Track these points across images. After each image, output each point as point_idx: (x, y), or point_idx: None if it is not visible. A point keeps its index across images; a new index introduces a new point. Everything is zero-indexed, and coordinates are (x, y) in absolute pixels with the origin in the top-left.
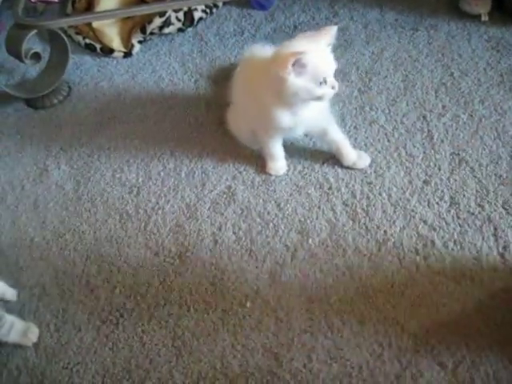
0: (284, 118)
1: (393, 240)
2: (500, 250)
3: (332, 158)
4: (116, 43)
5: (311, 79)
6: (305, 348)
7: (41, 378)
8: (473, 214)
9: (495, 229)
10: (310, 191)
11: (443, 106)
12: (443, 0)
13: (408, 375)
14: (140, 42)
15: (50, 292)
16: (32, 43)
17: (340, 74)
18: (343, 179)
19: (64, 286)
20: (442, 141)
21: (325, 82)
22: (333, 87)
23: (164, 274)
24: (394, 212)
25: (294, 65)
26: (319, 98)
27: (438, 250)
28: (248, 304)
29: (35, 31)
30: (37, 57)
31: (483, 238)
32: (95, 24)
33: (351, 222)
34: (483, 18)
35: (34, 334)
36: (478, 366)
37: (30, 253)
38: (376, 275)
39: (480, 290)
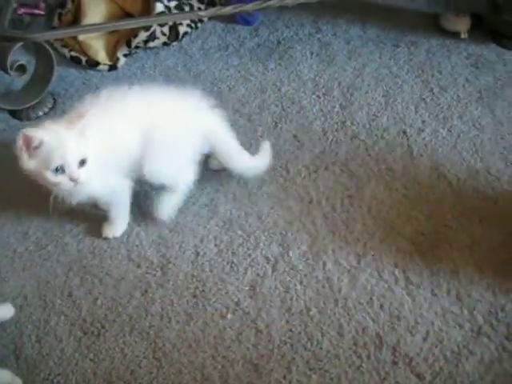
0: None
1: (372, 253)
2: (477, 262)
3: (314, 172)
4: (101, 56)
5: (42, 164)
6: (284, 359)
7: None
8: (450, 227)
9: (472, 242)
10: (290, 204)
11: (423, 121)
12: (424, 17)
13: None
14: (125, 55)
15: (31, 303)
16: (17, 55)
17: (322, 89)
18: (323, 192)
19: (46, 298)
20: (422, 155)
21: (62, 170)
22: (71, 179)
23: (146, 286)
24: (374, 225)
25: (26, 144)
26: (59, 187)
27: (416, 262)
28: (229, 316)
29: (21, 43)
30: (22, 69)
31: (459, 251)
32: (81, 37)
33: (331, 235)
34: (463, 36)
35: None
36: (455, 377)
37: (12, 264)
38: (355, 288)
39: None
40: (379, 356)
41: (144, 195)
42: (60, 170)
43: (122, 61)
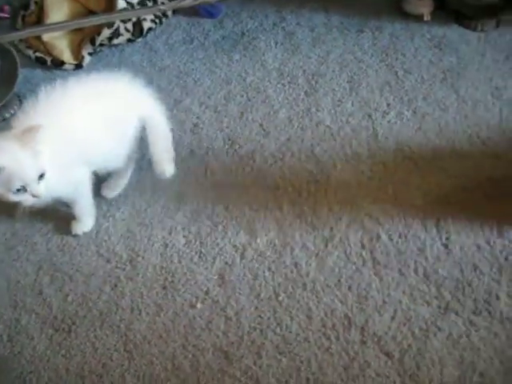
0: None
1: (339, 235)
2: (443, 240)
3: (280, 160)
4: (66, 56)
5: (3, 188)
6: (254, 345)
7: None
8: (416, 207)
9: (438, 220)
10: (257, 192)
11: (388, 105)
12: (387, 2)
13: (356, 366)
14: (90, 53)
15: (2, 303)
16: None
17: (287, 78)
18: (290, 179)
19: (16, 297)
20: (387, 138)
21: (24, 189)
22: (34, 195)
23: (115, 280)
24: (340, 209)
25: None
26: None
27: (384, 243)
28: (198, 305)
29: None
30: None
31: (426, 230)
32: (45, 37)
33: (298, 221)
34: (425, 18)
35: None
36: (424, 354)
37: None
38: (323, 271)
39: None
40: (348, 337)
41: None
42: (22, 189)
43: (87, 59)
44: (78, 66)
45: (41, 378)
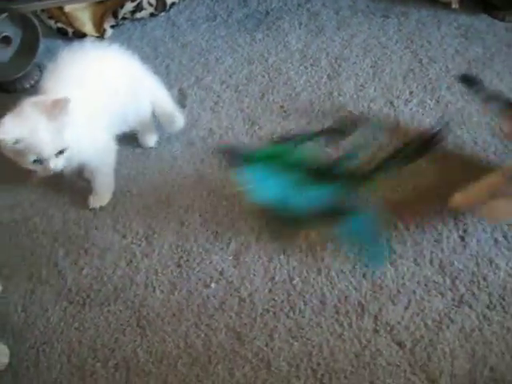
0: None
1: None
2: (460, 232)
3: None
4: (88, 28)
5: (20, 156)
6: (267, 327)
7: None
8: (433, 198)
9: (455, 212)
10: None
11: (410, 92)
12: None
13: (367, 354)
14: (112, 26)
15: (18, 273)
16: (3, 27)
17: (310, 60)
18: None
19: (32, 268)
20: (408, 126)
21: (40, 162)
22: (45, 170)
23: (131, 256)
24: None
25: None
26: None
27: (401, 232)
28: (212, 285)
29: (6, 14)
30: (7, 40)
31: (443, 222)
32: (67, 8)
33: None
34: (454, 6)
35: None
36: (436, 345)
37: None
38: (338, 257)
39: (438, 273)
40: (361, 324)
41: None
42: (37, 161)
43: (109, 32)
44: (100, 39)
45: (53, 350)
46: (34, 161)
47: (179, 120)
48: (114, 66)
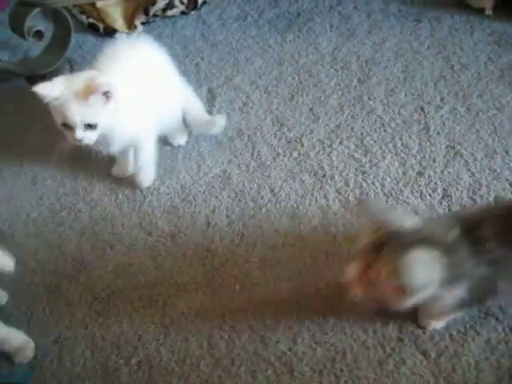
0: None
1: None
2: None
3: (328, 147)
4: (119, 24)
5: (56, 113)
6: (291, 331)
7: None
8: (464, 207)
9: None
10: (303, 178)
11: (441, 99)
12: None
13: (391, 362)
14: (143, 23)
15: (44, 267)
16: (35, 21)
17: (340, 63)
18: (337, 167)
19: (58, 262)
20: (438, 133)
21: (68, 127)
22: (74, 138)
23: (156, 254)
24: (387, 201)
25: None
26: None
27: None
28: (237, 286)
29: (39, 9)
30: (39, 35)
31: None
32: (99, 4)
33: (343, 210)
34: (487, 12)
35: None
36: (460, 356)
37: (25, 228)
38: None
39: None
40: (385, 332)
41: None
42: (66, 126)
43: (140, 29)
44: (130, 35)
45: (77, 344)
46: (64, 124)
47: (218, 124)
48: (159, 65)
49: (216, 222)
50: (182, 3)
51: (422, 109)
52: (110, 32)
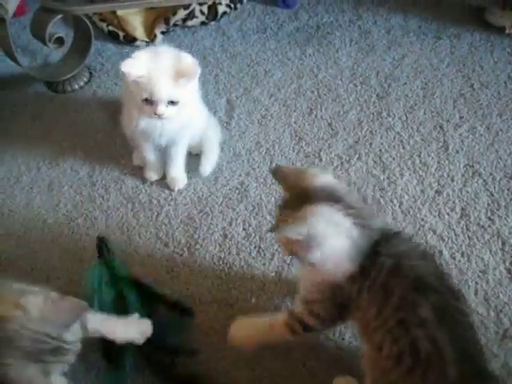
0: (139, 121)
1: None
2: (507, 264)
3: (346, 162)
4: (139, 32)
5: (136, 91)
6: (305, 346)
7: None
8: (482, 226)
9: (503, 243)
10: None
11: (461, 117)
12: (468, 10)
13: None
14: (163, 32)
15: (59, 274)
16: (57, 27)
17: (360, 78)
18: (355, 183)
19: (73, 269)
20: (457, 152)
21: (150, 102)
22: (155, 113)
23: (172, 265)
24: (404, 220)
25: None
26: (149, 114)
27: (446, 260)
28: (253, 300)
29: (60, 16)
30: (60, 41)
31: (490, 252)
32: (120, 12)
33: None
34: (508, 31)
35: None
36: None
37: (41, 234)
38: None
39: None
40: None
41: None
42: (148, 102)
43: (160, 38)
44: (150, 44)
45: (88, 359)
46: (146, 99)
47: (205, 167)
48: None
49: (233, 235)
50: (203, 13)
51: (441, 127)
52: (130, 40)
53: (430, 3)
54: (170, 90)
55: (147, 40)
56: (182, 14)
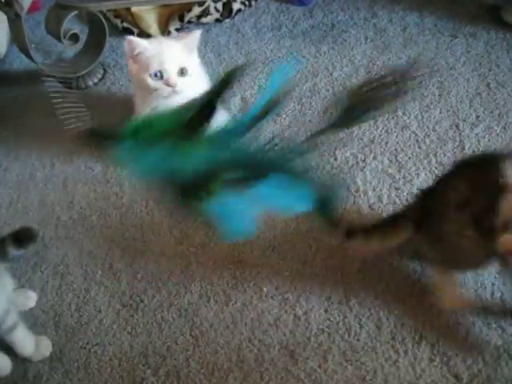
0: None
1: None
2: None
3: (362, 161)
4: (153, 29)
5: (143, 68)
6: (321, 348)
7: (59, 356)
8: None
9: None
10: None
11: (477, 117)
12: (484, 8)
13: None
14: (177, 29)
15: (73, 271)
16: (71, 24)
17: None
18: (371, 183)
19: (87, 267)
20: (474, 151)
21: (160, 76)
22: (168, 84)
23: (186, 263)
24: None
25: (130, 50)
26: (158, 92)
27: None
28: (268, 299)
29: (75, 12)
30: (75, 38)
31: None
32: (134, 8)
33: None
34: None
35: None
36: (493, 381)
37: (56, 231)
38: (395, 280)
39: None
40: (417, 352)
41: None
42: (158, 75)
43: (174, 35)
44: None
45: (105, 352)
46: (155, 75)
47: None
48: None
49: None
50: (217, 11)
51: (457, 126)
52: (144, 37)
53: (446, 1)
54: (178, 55)
55: (161, 37)
56: (196, 10)
